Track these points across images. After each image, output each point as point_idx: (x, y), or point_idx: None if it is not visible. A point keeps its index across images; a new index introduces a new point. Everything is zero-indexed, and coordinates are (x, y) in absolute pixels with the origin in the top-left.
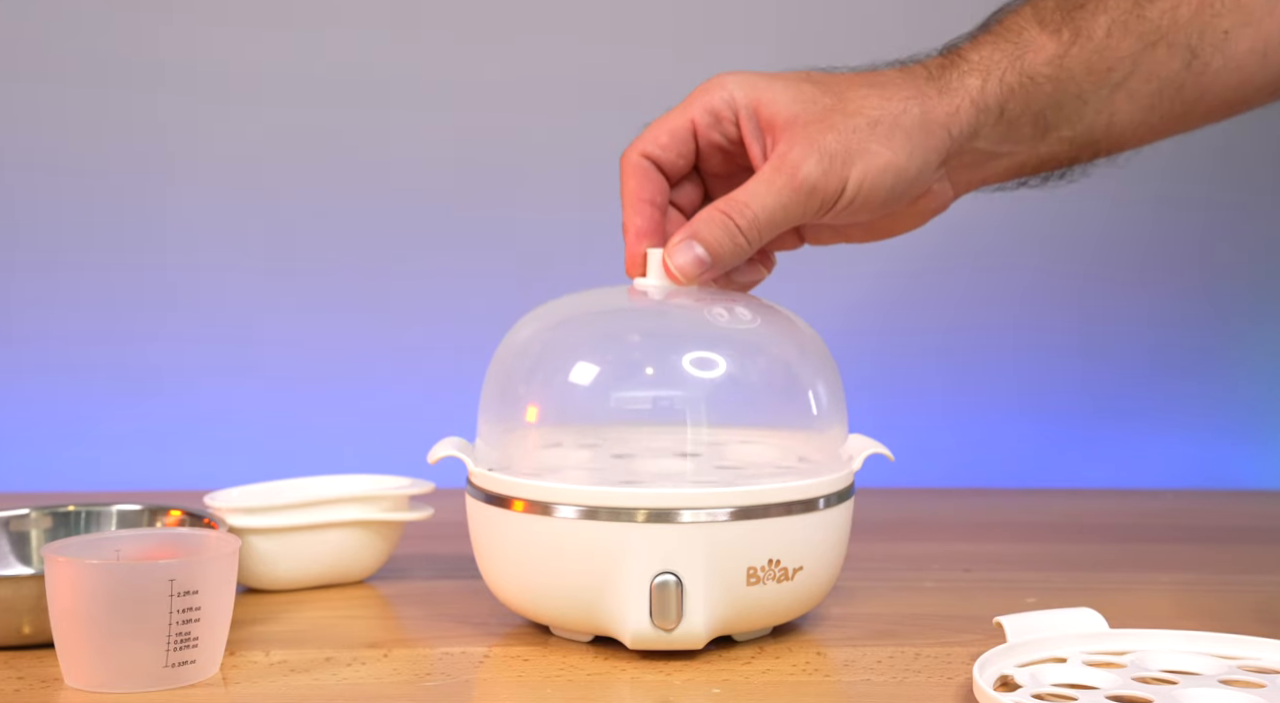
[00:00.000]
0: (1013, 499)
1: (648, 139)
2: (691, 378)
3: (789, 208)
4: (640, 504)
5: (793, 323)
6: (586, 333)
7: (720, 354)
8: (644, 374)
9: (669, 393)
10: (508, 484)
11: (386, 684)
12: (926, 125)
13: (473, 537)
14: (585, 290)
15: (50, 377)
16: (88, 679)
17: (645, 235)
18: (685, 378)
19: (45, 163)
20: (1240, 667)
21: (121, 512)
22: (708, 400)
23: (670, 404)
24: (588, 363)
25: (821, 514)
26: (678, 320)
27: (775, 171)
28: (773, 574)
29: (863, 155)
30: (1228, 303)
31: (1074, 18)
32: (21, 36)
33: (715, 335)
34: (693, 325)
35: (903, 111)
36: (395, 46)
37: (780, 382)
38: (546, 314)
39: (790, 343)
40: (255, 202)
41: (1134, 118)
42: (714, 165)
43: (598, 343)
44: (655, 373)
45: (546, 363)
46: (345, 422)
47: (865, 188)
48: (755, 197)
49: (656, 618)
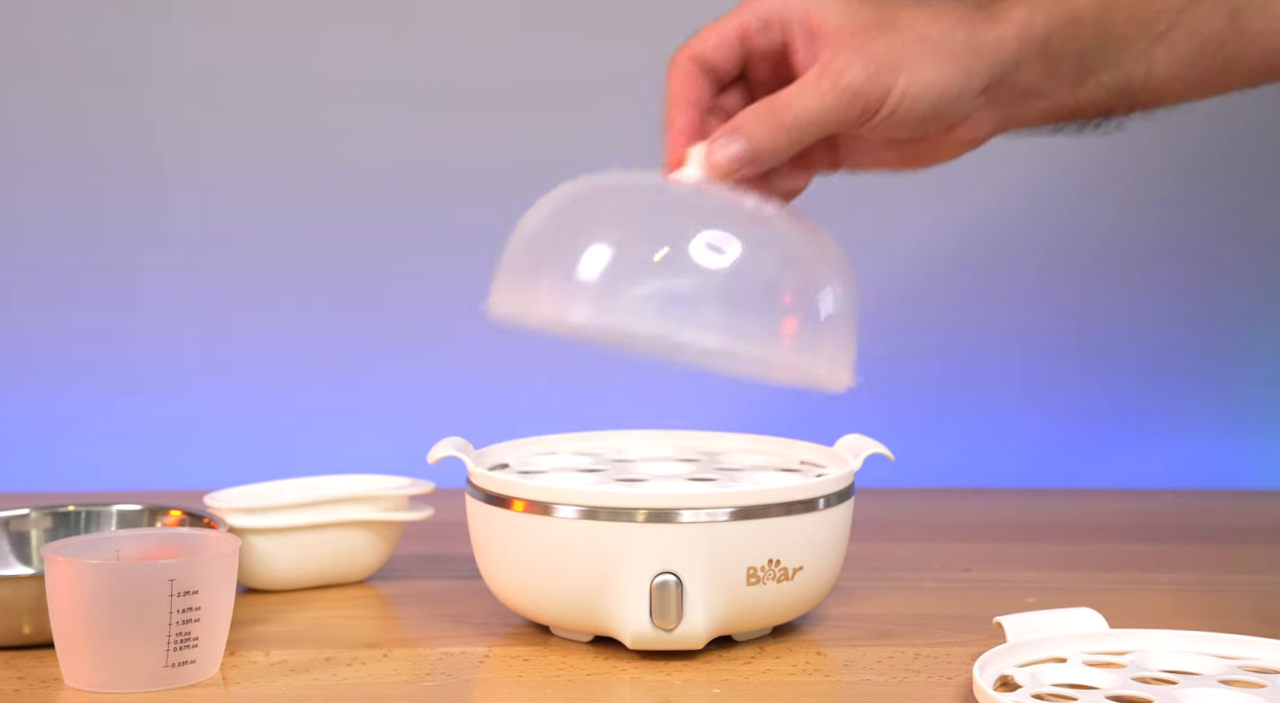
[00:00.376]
0: (1013, 499)
1: (696, 42)
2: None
3: (831, 110)
4: (640, 504)
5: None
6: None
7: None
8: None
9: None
10: (508, 484)
11: (386, 684)
12: (972, 48)
13: (473, 537)
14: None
15: (50, 377)
16: (88, 679)
17: (686, 135)
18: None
19: (45, 163)
20: (1240, 667)
21: (121, 512)
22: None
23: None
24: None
25: (821, 514)
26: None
27: (820, 75)
28: (773, 574)
29: (909, 67)
30: (1230, 304)
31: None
32: (22, 37)
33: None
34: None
35: (950, 32)
36: (395, 46)
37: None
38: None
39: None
40: (255, 202)
41: (1172, 72)
42: (761, 72)
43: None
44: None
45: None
46: (345, 422)
47: (908, 99)
48: (798, 97)
49: (656, 618)
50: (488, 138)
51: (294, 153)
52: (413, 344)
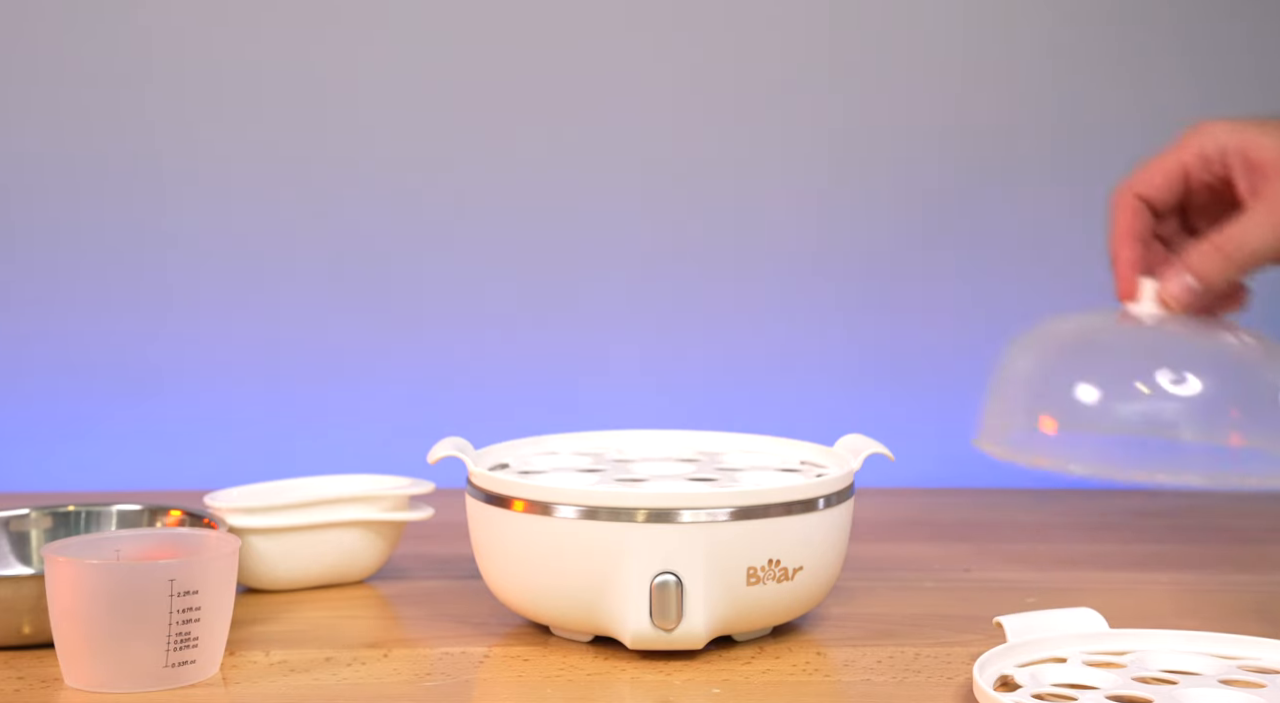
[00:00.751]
0: (1013, 499)
1: (1141, 180)
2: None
3: (1276, 247)
4: (640, 504)
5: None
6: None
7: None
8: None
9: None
10: (508, 484)
11: (386, 684)
12: None
13: (473, 537)
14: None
15: (50, 377)
16: (88, 679)
17: (1134, 266)
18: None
19: (46, 163)
20: (1240, 667)
21: (121, 512)
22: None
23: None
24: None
25: (821, 514)
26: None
27: (1268, 210)
28: (772, 574)
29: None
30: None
31: None
32: (22, 37)
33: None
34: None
35: None
36: (396, 46)
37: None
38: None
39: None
40: (256, 202)
41: None
42: (1200, 200)
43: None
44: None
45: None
46: (345, 422)
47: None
48: (1247, 231)
49: (656, 618)
50: (488, 138)
51: (294, 153)
52: (413, 344)
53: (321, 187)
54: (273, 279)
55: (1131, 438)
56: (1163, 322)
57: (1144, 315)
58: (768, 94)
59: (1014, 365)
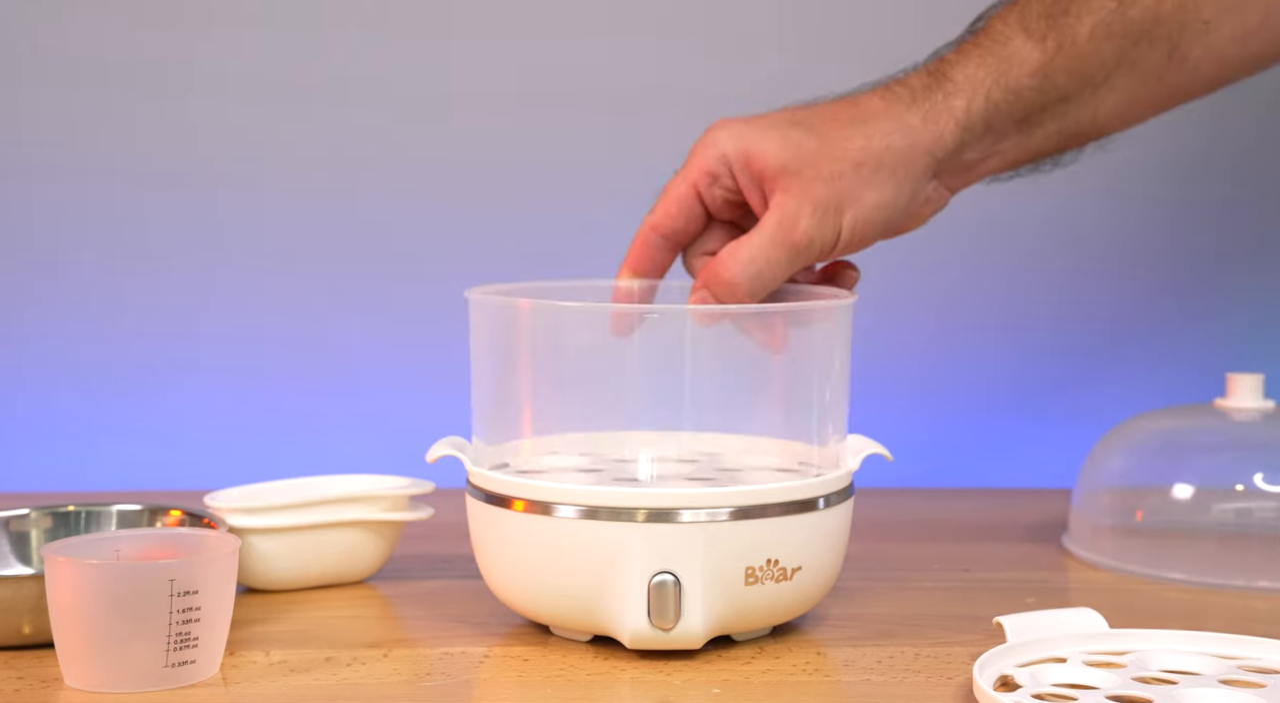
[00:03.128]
0: (1013, 499)
1: (659, 212)
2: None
3: (789, 262)
4: (640, 504)
5: None
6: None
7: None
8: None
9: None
10: (508, 484)
11: (386, 684)
12: (910, 158)
13: (473, 537)
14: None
15: (51, 377)
16: (88, 679)
17: (637, 298)
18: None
19: (46, 163)
20: (1240, 667)
21: (121, 512)
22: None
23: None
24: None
25: (821, 514)
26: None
27: (776, 226)
28: (771, 574)
29: (852, 202)
30: (1233, 303)
31: (1058, 24)
32: (22, 37)
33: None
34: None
35: (885, 149)
36: (395, 46)
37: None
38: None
39: None
40: (255, 201)
41: (1117, 108)
42: (726, 214)
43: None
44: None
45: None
46: (345, 422)
47: (859, 229)
48: (754, 254)
49: (655, 618)
50: (488, 138)
51: (293, 153)
52: (412, 344)
53: (321, 187)
54: (273, 279)
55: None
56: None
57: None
58: (770, 94)
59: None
